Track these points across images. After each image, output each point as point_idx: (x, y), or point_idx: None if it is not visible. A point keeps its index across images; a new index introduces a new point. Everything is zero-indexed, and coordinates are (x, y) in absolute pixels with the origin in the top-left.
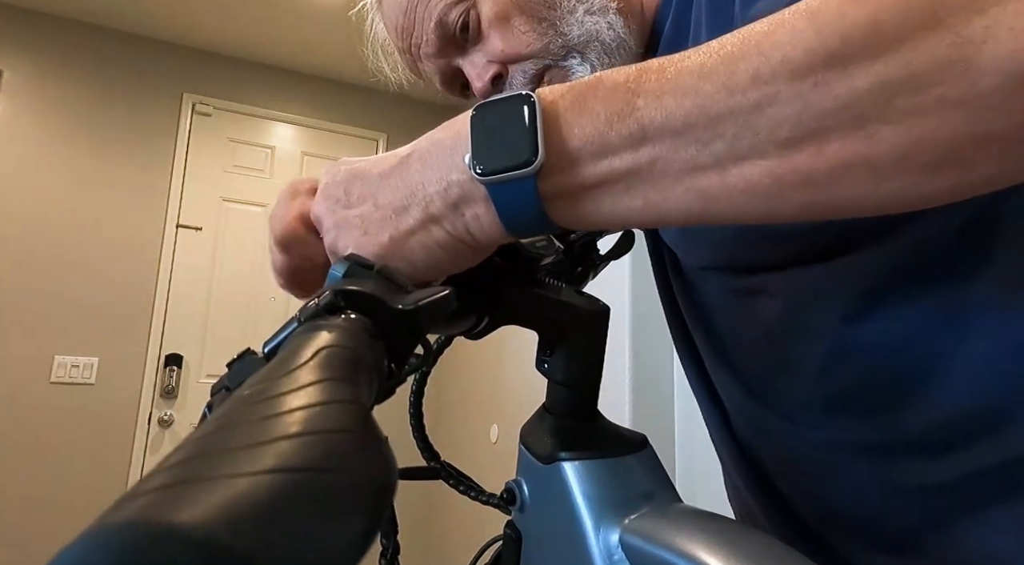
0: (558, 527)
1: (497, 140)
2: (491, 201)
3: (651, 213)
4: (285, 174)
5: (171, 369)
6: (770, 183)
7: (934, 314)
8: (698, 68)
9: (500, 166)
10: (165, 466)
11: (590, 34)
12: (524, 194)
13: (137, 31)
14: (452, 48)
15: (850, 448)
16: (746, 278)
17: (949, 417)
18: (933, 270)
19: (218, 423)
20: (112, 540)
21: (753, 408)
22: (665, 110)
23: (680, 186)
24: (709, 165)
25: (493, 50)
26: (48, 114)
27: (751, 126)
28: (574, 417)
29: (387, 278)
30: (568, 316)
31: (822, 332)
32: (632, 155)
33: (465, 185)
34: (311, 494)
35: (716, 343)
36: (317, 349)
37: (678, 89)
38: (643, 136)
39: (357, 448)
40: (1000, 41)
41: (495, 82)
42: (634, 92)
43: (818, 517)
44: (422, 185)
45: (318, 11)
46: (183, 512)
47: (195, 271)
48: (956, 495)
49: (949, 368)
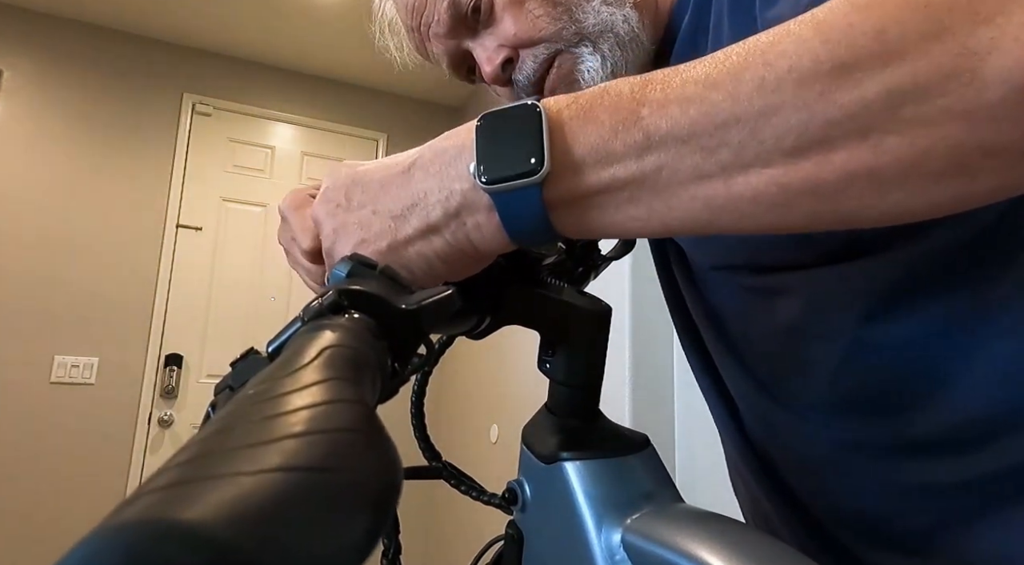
0: (560, 527)
1: (502, 149)
2: (495, 210)
3: (654, 222)
4: (285, 174)
5: (171, 369)
6: (776, 192)
7: (952, 315)
8: (704, 77)
9: (506, 174)
10: (171, 465)
11: (605, 24)
12: (529, 202)
13: (137, 31)
14: (463, 29)
15: (864, 447)
16: (764, 277)
17: (965, 418)
18: (954, 272)
19: (223, 422)
20: (119, 539)
21: (766, 406)
22: (670, 118)
23: (685, 195)
24: (714, 174)
25: (505, 33)
26: (48, 114)
27: (757, 135)
28: (576, 417)
29: (390, 278)
30: (570, 316)
31: (839, 332)
32: (637, 164)
33: (468, 194)
34: (316, 493)
35: (727, 341)
36: (321, 349)
37: (683, 98)
38: (648, 144)
39: (362, 447)
40: (1005, 52)
41: (505, 67)
42: (639, 101)
43: (830, 515)
44: (423, 194)
45: (318, 11)
46: (189, 510)
47: (195, 271)
48: (971, 496)
49: (966, 369)
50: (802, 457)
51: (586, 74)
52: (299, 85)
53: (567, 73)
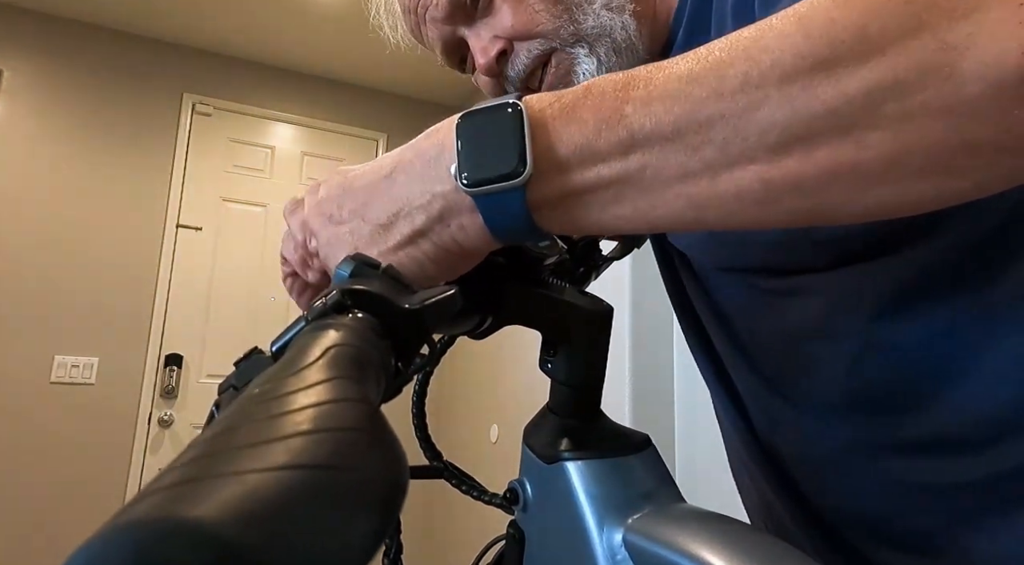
0: (561, 527)
1: (484, 150)
2: (477, 211)
3: (640, 220)
4: (285, 174)
5: (171, 369)
6: (759, 188)
7: (964, 313)
8: (687, 74)
9: (487, 176)
10: (176, 464)
11: (603, 28)
12: (512, 204)
13: (137, 31)
14: (461, 16)
15: (875, 446)
16: (777, 279)
17: (971, 418)
18: (966, 269)
19: (228, 421)
20: (125, 537)
21: (774, 404)
22: (654, 116)
23: (670, 192)
24: (699, 171)
25: (502, 24)
26: (48, 114)
27: (741, 131)
28: (577, 417)
29: (393, 278)
30: (571, 316)
31: (852, 331)
32: (622, 163)
33: (449, 196)
34: (323, 491)
35: (736, 341)
36: (325, 348)
37: (667, 95)
38: (632, 143)
39: (367, 446)
40: (982, 48)
41: (499, 59)
42: (622, 99)
43: (837, 515)
44: (407, 199)
45: (318, 11)
46: (196, 508)
47: (195, 271)
48: (977, 497)
49: (977, 367)
50: (811, 455)
51: (582, 76)
52: (299, 85)
53: (564, 74)
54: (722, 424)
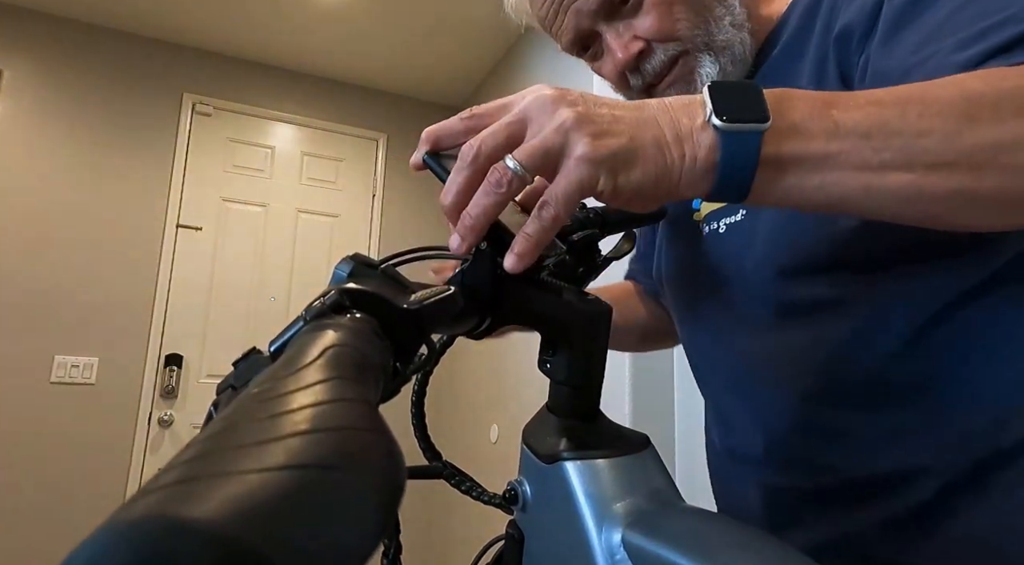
0: (560, 526)
1: (735, 102)
2: (717, 150)
3: (819, 194)
4: (285, 174)
5: (171, 369)
6: (911, 191)
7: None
8: (877, 101)
9: (742, 116)
10: (176, 463)
11: (729, 42)
12: (749, 148)
13: (137, 31)
14: (606, 11)
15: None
16: (824, 286)
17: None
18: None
19: (227, 421)
20: (127, 535)
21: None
22: (854, 120)
23: (851, 177)
24: (876, 167)
25: (645, 26)
26: (48, 114)
27: (910, 147)
28: (576, 417)
29: (392, 278)
30: (570, 316)
31: (892, 334)
32: (825, 144)
33: (697, 130)
34: (321, 490)
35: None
36: (324, 348)
37: (863, 109)
38: (836, 132)
39: (366, 446)
40: None
41: (638, 57)
42: (828, 103)
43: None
44: (655, 120)
45: (318, 11)
46: (196, 507)
47: (195, 271)
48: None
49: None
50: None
51: (704, 77)
52: (299, 85)
53: (688, 72)
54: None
